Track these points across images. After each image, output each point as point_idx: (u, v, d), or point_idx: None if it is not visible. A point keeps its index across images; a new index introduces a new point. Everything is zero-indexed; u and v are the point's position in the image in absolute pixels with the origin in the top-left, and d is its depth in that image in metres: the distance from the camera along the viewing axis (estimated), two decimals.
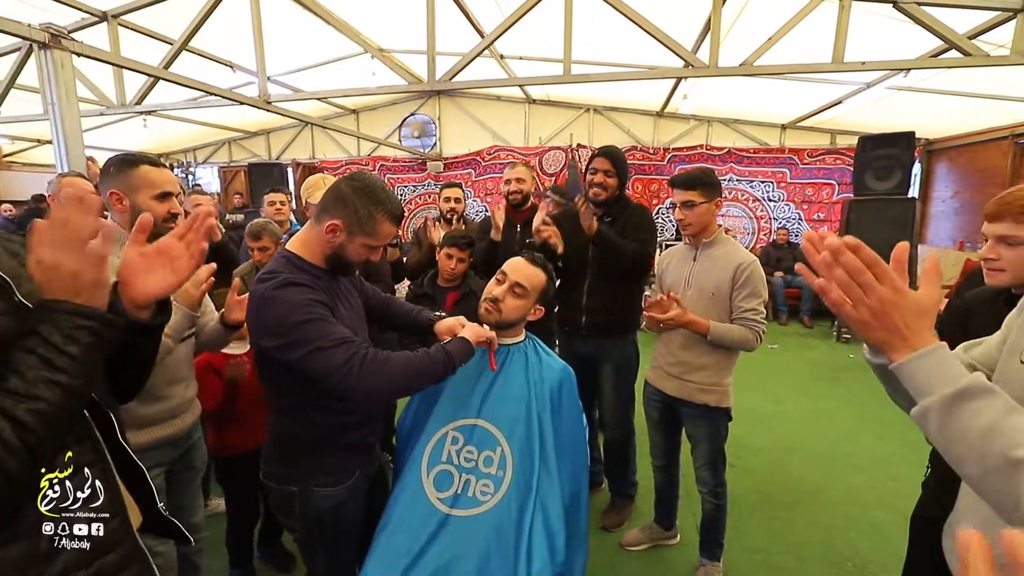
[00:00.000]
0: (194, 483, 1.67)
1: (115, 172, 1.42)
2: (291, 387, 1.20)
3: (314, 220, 1.22)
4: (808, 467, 2.99)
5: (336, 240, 1.18)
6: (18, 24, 2.35)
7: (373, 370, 1.10)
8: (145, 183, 1.42)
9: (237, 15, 3.83)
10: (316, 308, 1.12)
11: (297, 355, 1.08)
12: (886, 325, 0.63)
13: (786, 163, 7.07)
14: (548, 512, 1.29)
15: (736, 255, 1.83)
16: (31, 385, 0.63)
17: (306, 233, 1.24)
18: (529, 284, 1.46)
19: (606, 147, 2.33)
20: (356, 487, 1.32)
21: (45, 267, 0.66)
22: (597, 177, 2.25)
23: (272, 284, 1.11)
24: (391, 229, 1.23)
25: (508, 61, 5.83)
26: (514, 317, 1.46)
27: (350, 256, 1.22)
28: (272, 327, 1.10)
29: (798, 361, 5.01)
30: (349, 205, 1.17)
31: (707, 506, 2.03)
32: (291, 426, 1.25)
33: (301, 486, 1.25)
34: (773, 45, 3.32)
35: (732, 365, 1.91)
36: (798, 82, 5.34)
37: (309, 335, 1.08)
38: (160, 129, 7.44)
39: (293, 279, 1.13)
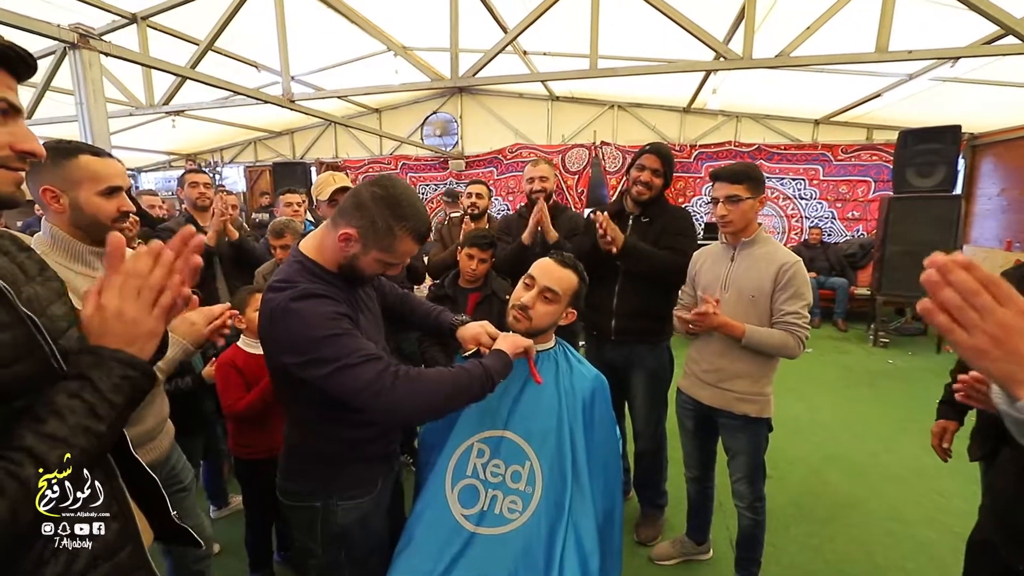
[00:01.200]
0: (187, 500, 1.57)
1: (50, 165, 1.18)
2: (311, 401, 1.12)
3: (330, 223, 1.11)
4: (846, 478, 2.84)
5: (349, 250, 1.08)
6: (48, 24, 2.37)
7: (405, 390, 1.01)
8: (88, 176, 1.20)
9: (262, 15, 3.84)
10: (341, 322, 1.03)
11: (321, 373, 1.00)
12: (1010, 354, 0.53)
13: (819, 159, 6.82)
14: (580, 532, 1.20)
15: (778, 255, 1.72)
16: (70, 432, 0.60)
17: (321, 236, 1.13)
18: (560, 288, 1.36)
19: (657, 144, 2.18)
20: (380, 498, 1.25)
21: (107, 314, 0.65)
22: (644, 175, 2.11)
23: (290, 295, 1.02)
24: (411, 248, 1.11)
25: (532, 57, 5.75)
26: (545, 324, 1.37)
27: (363, 269, 1.12)
28: (293, 343, 1.01)
29: (833, 366, 4.81)
30: (366, 215, 1.05)
31: (744, 521, 1.92)
32: (312, 440, 1.18)
33: (324, 501, 1.17)
34: (812, 35, 3.17)
35: (773, 373, 1.79)
36: (834, 74, 5.13)
37: (334, 352, 0.99)
38: (188, 130, 7.57)
39: (312, 289, 1.04)
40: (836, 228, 6.90)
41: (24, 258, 0.77)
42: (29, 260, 0.78)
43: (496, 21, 4.57)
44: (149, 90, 4.23)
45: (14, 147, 0.65)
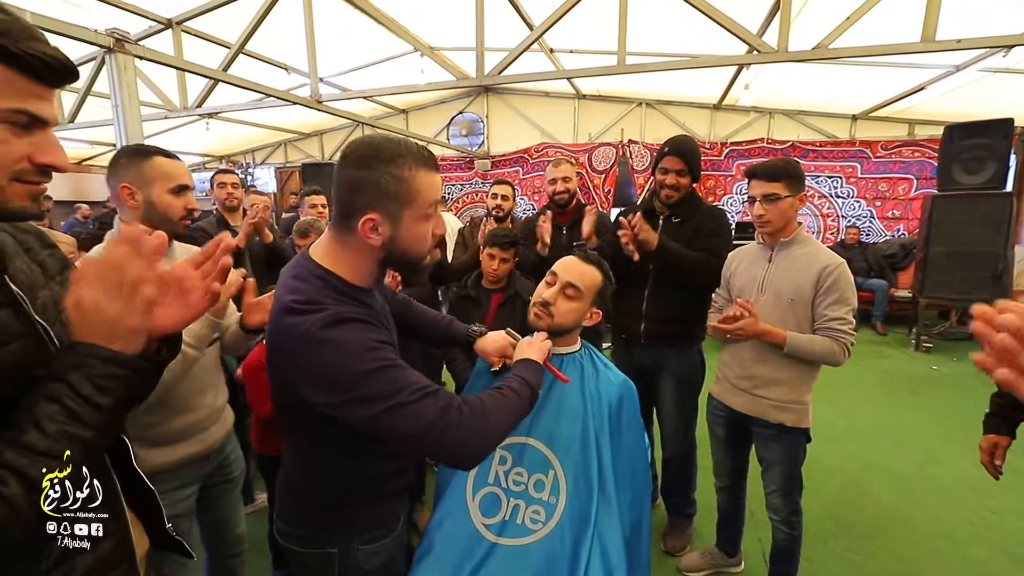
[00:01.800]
0: (233, 494, 1.59)
1: (126, 164, 1.31)
2: (331, 439, 0.97)
3: (341, 232, 0.92)
4: (888, 490, 2.69)
5: (382, 236, 0.89)
6: (85, 29, 2.43)
7: (472, 425, 0.87)
8: (160, 175, 1.32)
9: (291, 18, 3.89)
10: (384, 351, 0.86)
11: (368, 413, 0.83)
12: None
13: (857, 156, 6.55)
14: (607, 544, 1.15)
15: (820, 256, 1.62)
16: (52, 441, 0.56)
17: (337, 249, 0.93)
18: (583, 284, 1.30)
19: (677, 141, 2.06)
20: (402, 535, 1.12)
21: (85, 308, 0.60)
22: (668, 178, 2.03)
23: (320, 321, 0.83)
24: (433, 178, 0.91)
25: (558, 55, 5.69)
26: (568, 322, 1.31)
27: (409, 247, 0.93)
28: (328, 379, 0.84)
29: (871, 371, 4.60)
30: (368, 185, 0.86)
31: (778, 535, 1.83)
32: (326, 480, 1.01)
33: (343, 546, 1.01)
34: (852, 25, 3.02)
35: (813, 380, 1.70)
36: (874, 67, 4.91)
37: (384, 388, 0.83)
38: (221, 132, 7.77)
39: (344, 313, 0.86)
40: (875, 227, 6.62)
41: (46, 255, 0.77)
42: (51, 258, 0.78)
43: (522, 19, 4.54)
44: (183, 93, 4.34)
45: (32, 159, 0.61)
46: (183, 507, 1.39)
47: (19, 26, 0.57)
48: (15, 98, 0.58)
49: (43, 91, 0.61)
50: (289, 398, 0.94)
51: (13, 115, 0.58)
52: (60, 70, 0.61)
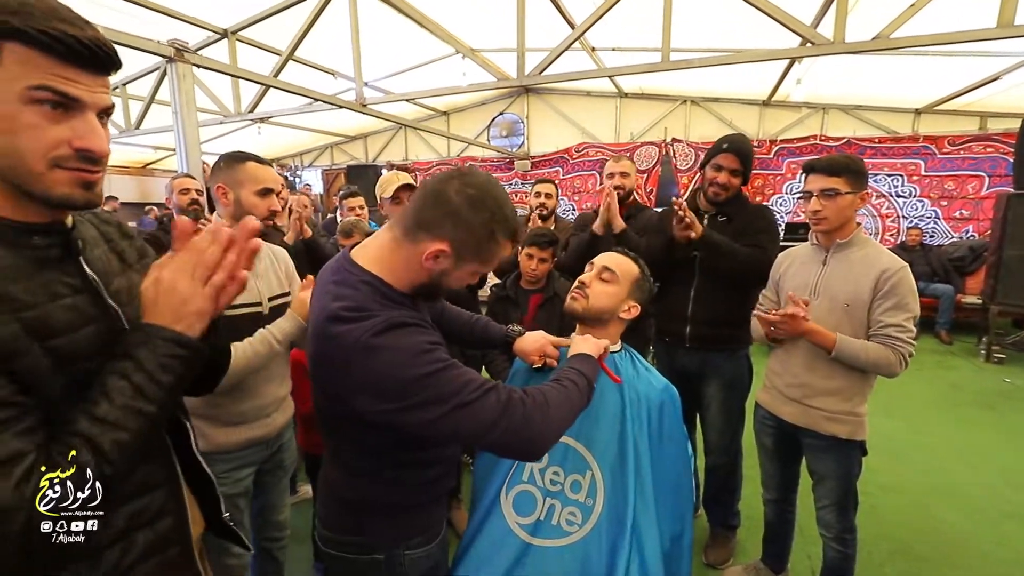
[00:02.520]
0: (283, 482, 1.68)
1: (224, 167, 1.46)
2: (380, 449, 0.97)
3: (405, 237, 0.90)
4: (956, 513, 2.50)
5: (438, 267, 0.89)
6: (148, 40, 2.58)
7: (536, 416, 0.86)
8: (249, 178, 1.45)
9: (338, 24, 4.00)
10: (438, 352, 0.85)
11: (429, 417, 0.82)
12: None
13: (920, 153, 6.15)
14: (646, 557, 1.10)
15: (880, 259, 1.52)
16: (120, 413, 0.60)
17: (390, 253, 0.92)
18: (618, 269, 1.32)
19: (736, 139, 1.98)
20: (445, 539, 1.11)
21: (161, 285, 0.64)
22: (721, 176, 1.95)
23: (370, 329, 0.81)
24: (508, 251, 0.93)
25: (600, 53, 5.62)
26: (602, 305, 1.30)
27: (449, 284, 0.94)
28: (385, 387, 0.82)
29: (936, 383, 4.30)
30: (461, 223, 0.86)
31: (830, 553, 1.73)
32: (374, 490, 1.00)
33: (389, 552, 1.00)
34: (916, 12, 2.83)
35: (868, 391, 1.59)
36: (940, 57, 4.60)
37: (444, 390, 0.82)
38: (272, 136, 8.10)
39: (395, 319, 0.84)
40: (940, 229, 6.20)
41: (126, 245, 0.83)
42: (130, 248, 0.84)
43: (563, 17, 4.50)
44: (237, 99, 4.55)
45: (72, 144, 0.61)
46: (241, 487, 1.49)
47: (42, 7, 0.58)
48: (35, 75, 0.57)
49: (74, 73, 0.60)
50: (334, 407, 0.94)
51: (36, 92, 0.58)
52: (87, 51, 0.60)
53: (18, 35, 0.56)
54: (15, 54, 0.56)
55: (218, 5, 3.98)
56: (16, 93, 0.57)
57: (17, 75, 0.57)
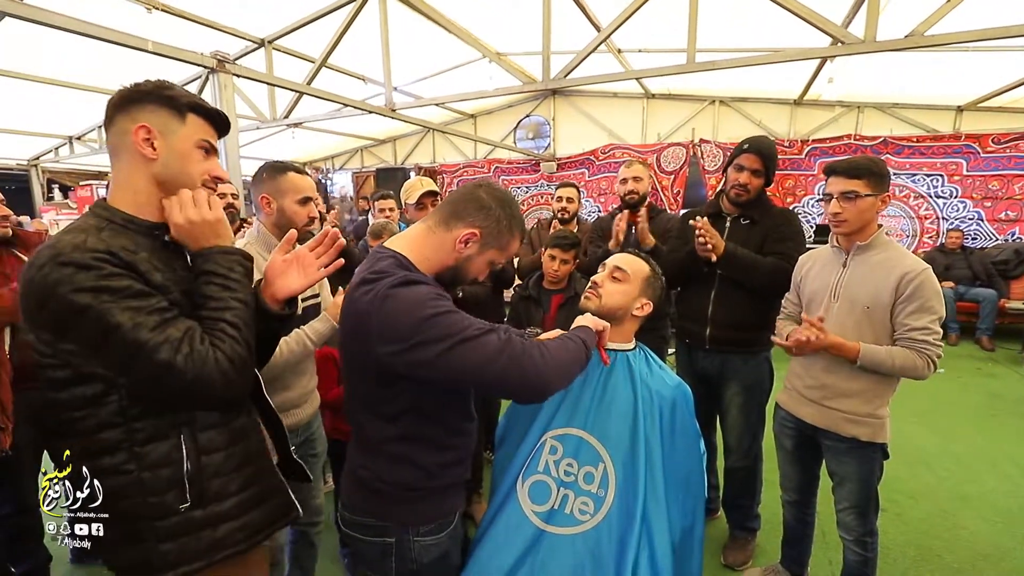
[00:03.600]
0: (316, 468, 1.80)
1: (266, 178, 1.57)
2: (396, 413, 1.03)
3: (438, 225, 1.06)
4: (985, 524, 2.43)
5: (466, 251, 1.06)
6: (194, 53, 2.74)
7: (536, 353, 0.95)
8: (291, 188, 1.56)
9: (368, 32, 4.13)
10: (444, 301, 0.96)
11: (433, 353, 0.90)
12: None
13: (962, 152, 5.91)
14: (655, 548, 1.14)
15: (902, 261, 1.51)
16: (222, 301, 0.92)
17: (422, 239, 1.07)
18: (629, 268, 1.38)
19: (757, 139, 1.99)
20: (457, 529, 1.16)
21: (195, 223, 0.94)
22: (742, 176, 1.95)
23: (389, 283, 0.94)
24: (518, 248, 1.14)
25: (626, 55, 5.61)
26: (615, 303, 1.36)
27: (470, 271, 1.10)
28: (395, 328, 0.92)
29: (973, 391, 4.15)
30: (492, 214, 1.05)
31: (850, 556, 1.72)
32: (391, 469, 1.06)
33: (399, 536, 1.07)
34: (953, 8, 2.76)
35: (890, 393, 1.58)
36: (984, 52, 4.43)
37: (449, 328, 0.91)
38: (305, 140, 8.35)
39: (414, 277, 0.98)
40: (983, 231, 5.95)
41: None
42: None
43: (589, 20, 4.53)
44: (272, 105, 4.73)
45: (210, 172, 1.00)
46: None
47: (199, 97, 1.00)
48: (208, 136, 0.99)
49: (214, 134, 1.02)
50: (355, 364, 1.06)
51: (203, 143, 0.98)
52: (222, 121, 1.03)
53: (197, 109, 0.97)
54: (195, 120, 0.97)
55: (256, 16, 4.16)
56: (193, 141, 0.97)
57: (194, 131, 0.97)
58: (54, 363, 0.84)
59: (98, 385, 0.84)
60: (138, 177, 0.93)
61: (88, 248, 0.81)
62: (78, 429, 0.86)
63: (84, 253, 0.80)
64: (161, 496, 0.89)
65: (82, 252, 0.80)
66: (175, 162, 0.94)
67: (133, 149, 0.92)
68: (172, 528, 0.90)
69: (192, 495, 0.91)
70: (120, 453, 0.87)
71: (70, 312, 0.79)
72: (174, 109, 0.94)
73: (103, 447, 0.86)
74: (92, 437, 0.86)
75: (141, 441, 0.87)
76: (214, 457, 0.94)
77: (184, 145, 0.95)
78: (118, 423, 0.86)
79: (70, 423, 0.86)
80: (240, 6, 3.94)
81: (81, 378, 0.84)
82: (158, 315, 0.84)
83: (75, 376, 0.84)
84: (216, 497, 0.94)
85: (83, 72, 4.70)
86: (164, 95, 0.93)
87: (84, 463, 0.87)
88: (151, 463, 0.88)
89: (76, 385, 0.84)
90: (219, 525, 0.94)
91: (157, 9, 3.59)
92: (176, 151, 0.94)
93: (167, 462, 0.89)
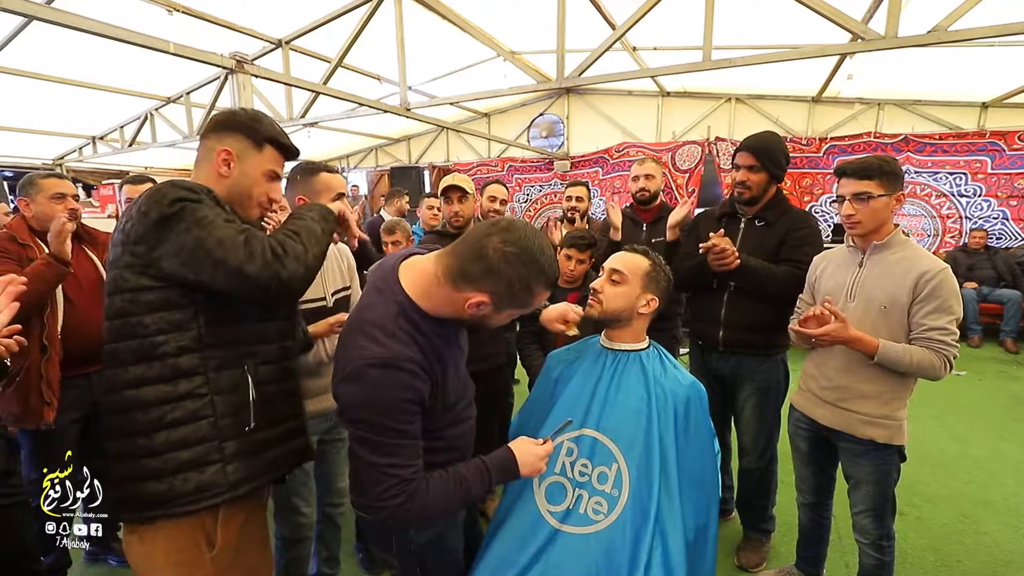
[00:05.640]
0: (341, 452, 1.84)
1: (301, 180, 1.62)
2: None
3: (447, 282, 0.98)
4: (1008, 530, 2.37)
5: (480, 313, 0.99)
6: (212, 54, 2.78)
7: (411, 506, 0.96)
8: (325, 188, 1.60)
9: (383, 31, 4.16)
10: (406, 415, 0.96)
11: (356, 437, 0.97)
12: None
13: (987, 149, 5.76)
14: (668, 546, 1.15)
15: (919, 261, 1.49)
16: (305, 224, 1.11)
17: (432, 287, 1.00)
18: (626, 268, 1.37)
19: (749, 138, 1.99)
20: (454, 518, 1.19)
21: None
22: (739, 175, 1.95)
23: (370, 358, 0.94)
24: (546, 296, 1.05)
25: (641, 53, 5.58)
26: (617, 307, 1.37)
27: (491, 324, 1.06)
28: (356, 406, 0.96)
29: (995, 394, 4.06)
30: (500, 279, 0.95)
31: (866, 560, 1.70)
32: None
33: None
34: (977, 3, 2.70)
35: (907, 394, 1.56)
36: (1008, 47, 4.32)
37: (379, 443, 0.94)
38: (321, 140, 8.44)
39: (396, 360, 0.94)
40: (1008, 230, 5.80)
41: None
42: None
43: (604, 18, 4.51)
44: (289, 105, 4.79)
45: (268, 195, 1.16)
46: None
47: (282, 132, 1.17)
48: (275, 164, 1.15)
49: (282, 162, 1.18)
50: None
51: (271, 172, 1.15)
52: (293, 152, 1.20)
53: (274, 143, 1.14)
54: (271, 151, 1.14)
55: (273, 17, 4.22)
56: (264, 170, 1.13)
57: (267, 161, 1.13)
58: (146, 284, 0.98)
59: (184, 312, 1.00)
60: (211, 187, 1.07)
61: (197, 183, 1.03)
62: (160, 352, 0.99)
63: (195, 184, 1.02)
64: (230, 419, 1.04)
65: (194, 183, 1.02)
66: (243, 182, 1.11)
67: (214, 165, 1.09)
68: (239, 447, 1.05)
69: (256, 418, 1.07)
70: (197, 377, 1.01)
71: (172, 211, 0.96)
72: (254, 140, 1.11)
73: (182, 371, 1.00)
74: (172, 360, 0.99)
75: (215, 367, 1.03)
76: (270, 387, 1.12)
77: (255, 172, 1.12)
78: (195, 348, 1.01)
79: (153, 347, 0.98)
80: (258, 7, 4.00)
81: (168, 303, 0.99)
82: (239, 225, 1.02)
83: (163, 300, 0.99)
84: (272, 422, 1.12)
85: (106, 74, 4.81)
86: (251, 127, 1.11)
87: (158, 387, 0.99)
88: (223, 388, 1.04)
89: (164, 310, 0.99)
90: (272, 448, 1.12)
91: (178, 11, 3.66)
92: (246, 175, 1.11)
93: (235, 388, 1.05)
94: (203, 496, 1.00)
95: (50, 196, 1.92)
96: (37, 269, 1.73)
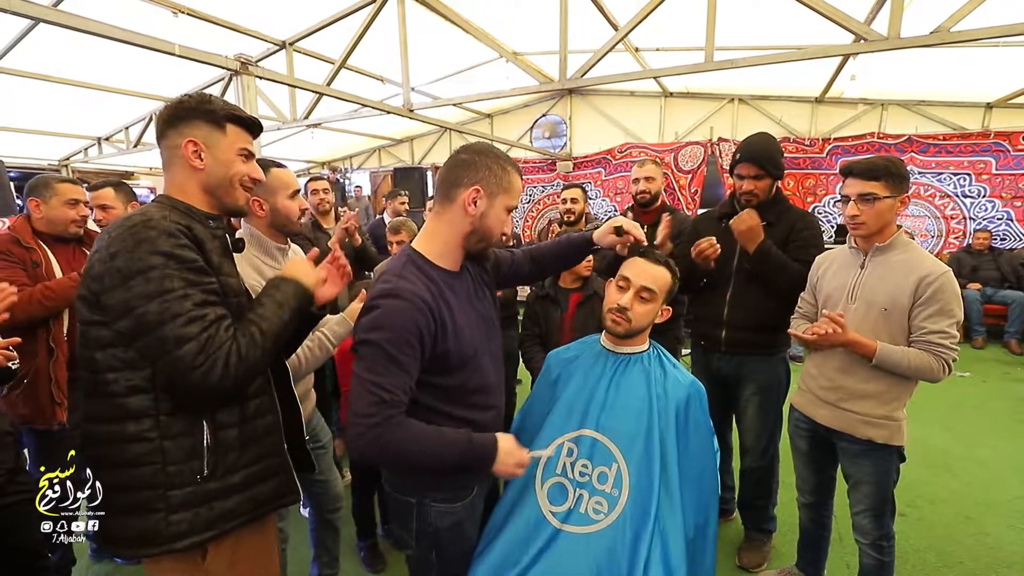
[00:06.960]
0: (326, 458, 1.84)
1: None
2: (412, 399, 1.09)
3: (442, 203, 1.14)
4: (1011, 531, 2.37)
5: (478, 209, 1.11)
6: (217, 56, 2.80)
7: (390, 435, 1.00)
8: (280, 185, 1.54)
9: (386, 33, 4.18)
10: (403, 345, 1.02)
11: (359, 358, 1.04)
12: None
13: (992, 150, 5.74)
14: (668, 544, 1.16)
15: (921, 263, 1.49)
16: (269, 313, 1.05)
17: (433, 227, 1.16)
18: (656, 286, 1.35)
19: (748, 146, 1.98)
20: (474, 505, 1.23)
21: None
22: (745, 185, 1.96)
23: (377, 291, 1.06)
24: (520, 183, 1.19)
25: (643, 54, 5.58)
26: (645, 323, 1.37)
27: (491, 227, 1.15)
28: (361, 328, 1.05)
29: (998, 395, 4.04)
30: (481, 167, 1.11)
31: (866, 560, 1.70)
32: None
33: (419, 498, 1.17)
34: (980, 3, 2.69)
35: (907, 395, 1.56)
36: (1012, 48, 4.30)
37: (373, 362, 1.01)
38: (324, 140, 8.47)
39: (399, 289, 1.04)
40: (1012, 231, 5.77)
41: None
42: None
43: (607, 19, 4.52)
44: (293, 106, 4.82)
45: (248, 175, 1.12)
46: None
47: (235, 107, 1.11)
48: (244, 142, 1.10)
49: (250, 139, 1.12)
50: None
51: (243, 151, 1.10)
52: (256, 125, 1.14)
53: (233, 118, 1.09)
54: (234, 129, 1.09)
55: (277, 18, 4.24)
56: (235, 150, 1.09)
57: (234, 141, 1.09)
58: (99, 319, 0.93)
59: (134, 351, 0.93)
60: (190, 184, 1.07)
61: (172, 219, 0.97)
62: (110, 391, 0.92)
63: (169, 223, 0.95)
64: (180, 465, 0.95)
65: (168, 221, 0.95)
66: (219, 170, 1.08)
67: (184, 161, 1.05)
68: (186, 498, 0.95)
69: (210, 465, 0.97)
70: (146, 420, 0.93)
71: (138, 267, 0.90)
72: (215, 123, 1.06)
73: (130, 412, 0.92)
74: (121, 400, 0.92)
75: (167, 411, 0.94)
76: (229, 432, 1.01)
77: (226, 155, 1.08)
78: (147, 389, 0.93)
79: (104, 384, 0.93)
80: (262, 9, 4.02)
81: (120, 338, 0.92)
82: (203, 294, 0.96)
83: (115, 336, 0.92)
84: (230, 469, 1.01)
85: (112, 75, 4.84)
86: (205, 110, 1.05)
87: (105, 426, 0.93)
88: (174, 433, 0.95)
89: (115, 346, 0.93)
90: (230, 496, 1.01)
91: (183, 13, 3.68)
92: (220, 161, 1.07)
93: (189, 432, 0.96)
94: (143, 543, 0.94)
95: (65, 201, 1.92)
96: (64, 284, 1.79)
